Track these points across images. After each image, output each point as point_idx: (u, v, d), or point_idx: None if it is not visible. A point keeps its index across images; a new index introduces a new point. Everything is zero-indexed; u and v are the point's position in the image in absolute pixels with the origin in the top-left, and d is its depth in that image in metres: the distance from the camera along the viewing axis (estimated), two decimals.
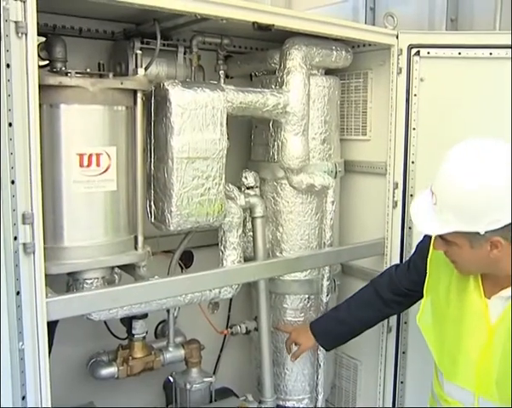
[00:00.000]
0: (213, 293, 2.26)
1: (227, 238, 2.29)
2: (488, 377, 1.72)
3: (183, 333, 2.62)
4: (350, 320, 2.27)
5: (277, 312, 2.64)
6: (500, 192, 1.52)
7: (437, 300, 1.85)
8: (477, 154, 1.56)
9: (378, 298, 2.20)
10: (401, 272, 2.14)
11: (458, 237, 1.60)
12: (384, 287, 2.19)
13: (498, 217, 1.54)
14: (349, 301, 2.32)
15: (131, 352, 2.35)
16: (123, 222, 2.02)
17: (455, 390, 1.84)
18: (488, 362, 1.71)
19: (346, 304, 2.32)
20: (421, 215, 1.66)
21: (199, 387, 2.50)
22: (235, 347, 2.99)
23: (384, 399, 2.72)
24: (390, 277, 2.18)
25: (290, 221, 2.54)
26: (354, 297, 2.32)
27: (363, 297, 2.26)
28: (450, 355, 1.82)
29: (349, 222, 2.82)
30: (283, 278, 2.58)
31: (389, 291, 2.17)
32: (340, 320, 2.28)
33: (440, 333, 1.84)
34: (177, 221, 2.09)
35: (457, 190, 1.55)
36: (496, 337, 1.69)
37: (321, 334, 2.33)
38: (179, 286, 2.04)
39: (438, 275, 1.84)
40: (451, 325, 1.80)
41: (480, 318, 1.72)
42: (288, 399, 2.72)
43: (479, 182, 1.52)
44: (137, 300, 1.97)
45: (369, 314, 2.24)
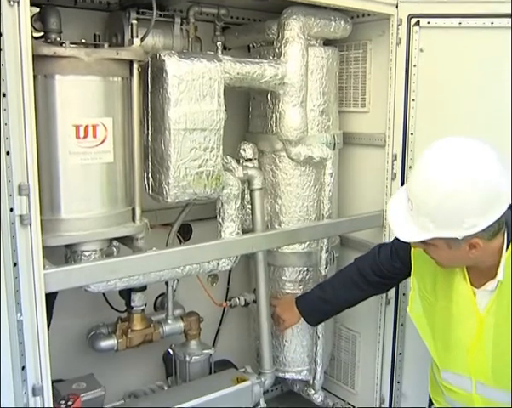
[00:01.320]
0: (212, 265, 2.26)
1: (225, 210, 2.29)
2: (483, 363, 1.73)
3: (182, 306, 2.62)
4: (335, 299, 2.28)
5: (276, 284, 2.64)
6: (476, 197, 1.50)
7: (425, 292, 1.84)
8: (452, 158, 1.53)
9: (361, 278, 2.19)
10: (384, 257, 2.12)
11: (436, 240, 1.59)
12: (367, 268, 2.18)
13: (476, 222, 1.52)
14: (334, 280, 2.33)
15: (130, 324, 2.36)
16: (120, 194, 2.01)
17: (452, 377, 1.85)
18: (481, 349, 1.72)
19: (331, 283, 2.33)
20: (399, 220, 1.63)
21: (198, 359, 2.50)
22: (234, 319, 3.00)
23: (382, 370, 2.74)
24: (374, 259, 2.16)
25: (288, 193, 2.53)
26: (338, 276, 2.34)
27: (347, 277, 2.26)
28: (442, 344, 1.83)
29: (348, 194, 2.81)
30: (282, 250, 2.59)
31: (372, 272, 2.16)
32: (325, 298, 2.28)
33: (431, 323, 1.85)
34: (174, 193, 2.08)
35: (433, 198, 1.53)
36: (486, 325, 1.69)
37: (306, 311, 2.34)
38: (177, 258, 2.03)
39: (423, 267, 1.83)
40: (440, 315, 1.80)
41: (469, 307, 1.72)
42: (287, 370, 2.74)
43: (454, 188, 1.49)
44: (135, 272, 1.97)
45: (353, 294, 2.25)
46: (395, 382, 2.71)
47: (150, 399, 2.32)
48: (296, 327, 2.64)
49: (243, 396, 2.35)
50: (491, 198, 1.51)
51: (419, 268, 1.84)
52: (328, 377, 3.03)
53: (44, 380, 1.74)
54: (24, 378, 1.70)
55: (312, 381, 2.75)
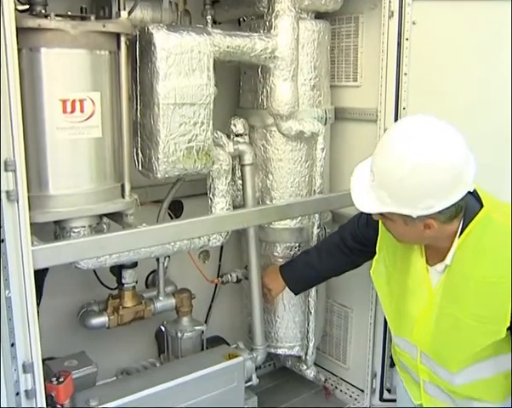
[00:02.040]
0: (203, 241, 2.25)
1: (216, 185, 2.27)
2: (426, 335, 1.78)
3: (173, 283, 2.61)
4: (320, 266, 2.31)
5: (267, 260, 2.64)
6: (437, 180, 1.51)
7: (387, 260, 1.88)
8: (419, 137, 1.53)
9: (344, 246, 2.22)
10: (362, 225, 2.14)
11: (393, 214, 1.60)
12: (348, 236, 2.21)
13: (431, 203, 1.53)
14: (319, 247, 2.37)
15: (121, 301, 2.35)
16: (109, 169, 1.99)
17: (401, 342, 1.91)
18: (427, 322, 1.76)
19: (316, 250, 2.36)
20: (359, 191, 1.65)
21: (190, 335, 2.50)
22: (226, 296, 3.00)
23: (374, 345, 2.74)
24: (353, 227, 2.19)
25: (280, 168, 2.52)
26: (323, 243, 2.37)
27: (332, 244, 2.29)
28: (396, 311, 1.87)
29: (340, 169, 2.79)
30: (273, 226, 2.58)
31: (352, 240, 2.19)
32: (310, 266, 2.32)
33: (389, 290, 1.88)
34: (164, 168, 2.07)
35: (392, 175, 1.53)
36: (434, 302, 1.73)
37: (291, 279, 2.38)
38: (167, 234, 2.01)
39: (387, 237, 1.84)
40: (397, 284, 1.84)
41: (422, 282, 1.76)
42: (279, 346, 2.74)
43: (416, 168, 1.49)
44: (124, 248, 1.96)
45: (338, 261, 2.28)
46: (387, 356, 2.71)
47: (142, 375, 2.31)
48: (288, 303, 2.66)
49: (235, 372, 2.35)
50: (452, 182, 1.52)
51: (384, 236, 1.86)
52: (320, 353, 3.04)
53: (34, 357, 1.73)
54: (14, 355, 1.69)
55: (304, 356, 2.76)
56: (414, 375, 1.92)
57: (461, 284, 1.66)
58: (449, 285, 1.70)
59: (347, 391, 2.96)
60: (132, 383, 2.18)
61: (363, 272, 2.45)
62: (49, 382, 1.91)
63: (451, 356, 1.75)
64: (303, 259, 2.38)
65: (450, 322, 1.71)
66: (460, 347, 1.72)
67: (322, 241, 2.43)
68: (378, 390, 2.77)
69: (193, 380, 2.23)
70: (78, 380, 2.11)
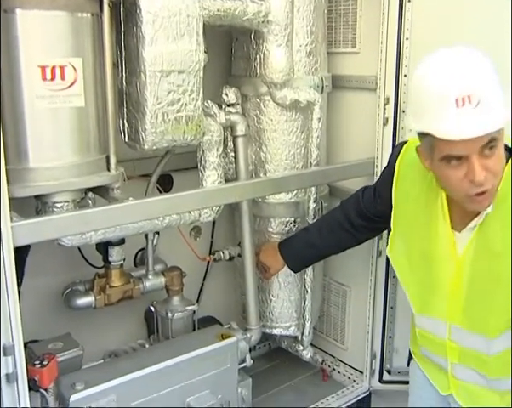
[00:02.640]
0: (193, 216, 2.23)
1: (206, 158, 2.24)
2: (458, 306, 1.73)
3: (163, 261, 2.59)
4: (321, 244, 2.29)
5: (262, 236, 2.62)
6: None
7: (406, 234, 1.82)
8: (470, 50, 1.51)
9: (346, 221, 2.19)
10: (368, 199, 2.10)
11: (501, 132, 1.50)
12: (352, 212, 2.17)
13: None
14: (320, 223, 2.34)
15: (108, 280, 2.33)
16: (93, 141, 1.96)
17: (427, 322, 1.85)
18: (457, 291, 1.72)
19: (317, 227, 2.33)
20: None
21: (181, 315, 2.49)
22: (218, 274, 2.99)
23: (373, 325, 2.73)
24: (358, 202, 2.14)
25: (274, 140, 2.49)
26: (324, 220, 2.34)
27: (333, 220, 2.26)
28: (420, 287, 1.82)
29: (337, 141, 2.77)
30: (267, 200, 2.57)
31: (356, 215, 2.15)
32: (311, 243, 2.29)
33: (410, 266, 1.83)
34: (152, 139, 2.03)
35: (493, 77, 1.48)
36: (464, 267, 1.69)
37: (290, 257, 2.37)
38: (156, 208, 1.99)
39: (404, 206, 1.81)
40: (419, 257, 1.79)
41: (448, 250, 1.71)
42: (274, 326, 2.74)
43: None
44: (111, 223, 1.93)
45: (340, 239, 2.25)
46: (387, 336, 2.71)
47: (131, 357, 2.30)
48: (283, 281, 2.65)
49: (228, 353, 2.33)
50: None
51: (400, 207, 1.82)
52: (317, 333, 3.03)
53: (15, 339, 1.70)
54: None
55: (301, 337, 2.75)
56: (442, 360, 1.84)
57: (497, 238, 1.60)
58: (482, 244, 1.64)
59: (345, 373, 2.95)
60: (120, 366, 2.16)
61: (362, 248, 2.47)
62: (32, 365, 1.89)
63: (487, 321, 1.69)
64: (302, 237, 2.36)
65: (485, 284, 1.65)
66: (498, 308, 1.65)
67: (323, 218, 2.40)
68: (378, 371, 2.77)
69: (184, 361, 2.21)
70: (63, 363, 2.09)
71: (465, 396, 1.85)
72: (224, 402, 2.35)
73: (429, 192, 1.72)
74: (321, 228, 2.31)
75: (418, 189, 1.75)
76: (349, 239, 2.25)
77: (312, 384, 2.91)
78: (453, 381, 1.85)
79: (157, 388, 2.15)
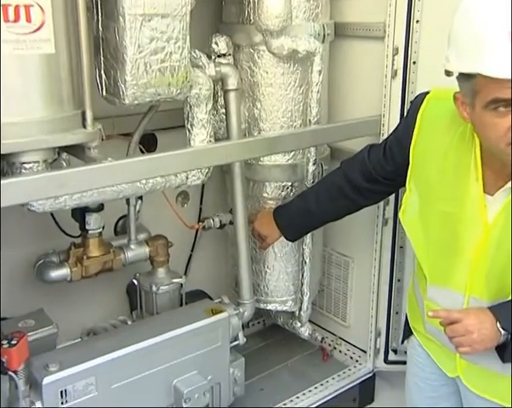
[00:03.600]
0: (179, 179, 2.19)
1: (194, 114, 2.20)
2: (480, 276, 1.70)
3: (147, 229, 2.59)
4: (319, 212, 2.26)
5: (256, 202, 2.61)
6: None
7: (424, 195, 1.79)
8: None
9: (349, 186, 2.15)
10: (375, 157, 2.05)
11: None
12: (355, 173, 2.12)
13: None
14: (318, 188, 2.31)
15: (85, 250, 2.31)
16: (67, 93, 1.89)
17: (441, 294, 1.82)
18: (482, 259, 1.69)
19: (314, 192, 2.30)
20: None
21: (167, 289, 2.48)
22: (208, 244, 2.99)
23: (378, 300, 2.72)
24: (363, 162, 2.09)
25: (269, 95, 2.46)
26: (323, 183, 2.32)
27: (333, 184, 2.22)
28: (437, 254, 1.79)
29: (340, 96, 2.73)
30: (262, 162, 2.54)
31: (361, 177, 2.10)
32: (308, 210, 2.27)
33: (427, 230, 1.80)
34: (133, 93, 1.97)
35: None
36: (491, 235, 1.65)
37: (285, 225, 2.35)
38: (138, 170, 1.94)
39: (426, 165, 1.77)
40: (439, 221, 1.75)
41: (477, 215, 1.67)
42: (269, 300, 2.74)
43: None
44: (87, 186, 1.88)
45: (340, 204, 2.22)
46: (393, 312, 2.70)
47: (111, 335, 2.28)
48: (280, 251, 2.65)
49: (219, 330, 2.33)
50: None
51: (420, 164, 1.78)
52: (317, 309, 3.03)
53: None
54: None
55: (298, 312, 2.74)
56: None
57: None
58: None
59: (347, 352, 2.96)
60: (99, 345, 2.15)
61: (367, 215, 2.46)
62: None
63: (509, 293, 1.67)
64: (298, 203, 2.33)
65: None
66: None
67: (321, 182, 2.36)
68: (383, 351, 2.77)
69: (170, 339, 2.21)
70: (35, 342, 2.08)
71: (474, 379, 1.85)
72: (215, 384, 2.36)
73: (459, 148, 1.68)
74: (318, 193, 2.27)
75: (445, 144, 1.71)
76: (351, 206, 2.22)
77: (311, 365, 2.91)
78: (461, 362, 1.85)
79: (140, 368, 2.15)
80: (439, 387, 1.98)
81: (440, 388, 1.98)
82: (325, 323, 3.06)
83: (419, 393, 2.06)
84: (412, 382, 2.09)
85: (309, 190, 2.38)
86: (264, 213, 2.50)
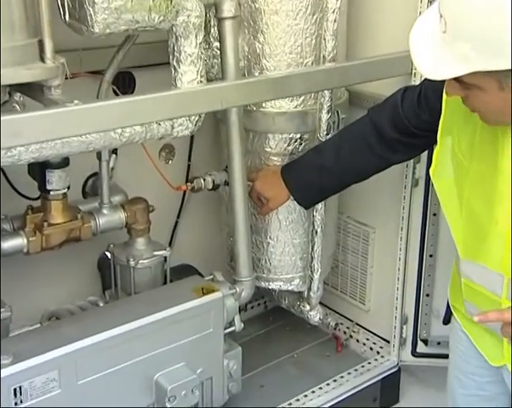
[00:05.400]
0: (163, 128, 2.16)
1: (181, 47, 2.14)
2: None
3: (123, 190, 2.59)
4: (338, 169, 2.29)
5: (256, 158, 2.59)
6: None
7: (459, 152, 1.79)
8: None
9: (376, 136, 2.17)
10: (409, 105, 2.07)
11: (482, 78, 1.47)
12: (385, 122, 2.15)
13: None
14: (338, 140, 2.34)
15: (46, 216, 2.28)
16: (18, 18, 1.83)
17: (476, 271, 1.84)
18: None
19: (333, 145, 2.33)
20: (424, 50, 1.52)
21: (147, 263, 2.48)
22: (198, 209, 3.00)
23: (405, 279, 2.75)
24: (395, 108, 2.11)
25: (275, 25, 2.42)
26: (344, 133, 2.34)
27: (357, 134, 2.25)
28: (471, 225, 1.81)
29: (361, 28, 2.72)
30: (265, 109, 2.53)
31: (391, 127, 2.13)
32: (325, 167, 2.29)
33: (460, 197, 1.81)
34: (104, 19, 1.91)
35: (479, 8, 1.39)
36: None
37: (297, 187, 2.37)
38: (111, 116, 1.90)
39: (458, 119, 1.77)
40: (474, 187, 1.76)
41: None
42: (273, 278, 2.74)
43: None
44: (48, 136, 1.83)
45: (366, 161, 2.25)
46: (423, 295, 2.73)
47: (78, 320, 2.27)
48: (285, 219, 2.64)
49: (211, 313, 2.34)
50: None
51: (454, 117, 1.77)
52: (329, 289, 3.06)
53: None
54: None
55: (307, 293, 2.74)
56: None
57: None
58: None
59: (366, 341, 2.97)
60: (63, 331, 2.15)
61: (391, 174, 2.46)
62: None
63: None
64: (313, 160, 2.33)
65: None
66: None
67: (342, 132, 2.37)
68: (411, 341, 2.78)
69: (151, 325, 2.21)
70: None
71: None
72: (206, 379, 2.38)
73: None
74: (339, 146, 2.28)
75: None
76: (378, 161, 2.23)
77: (322, 356, 2.92)
78: (509, 349, 1.85)
79: (114, 360, 2.15)
80: (485, 384, 2.00)
81: (486, 385, 1.99)
82: (339, 306, 3.07)
83: (462, 390, 2.07)
84: (453, 375, 2.11)
85: (326, 143, 2.38)
86: (267, 171, 2.51)
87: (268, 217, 2.63)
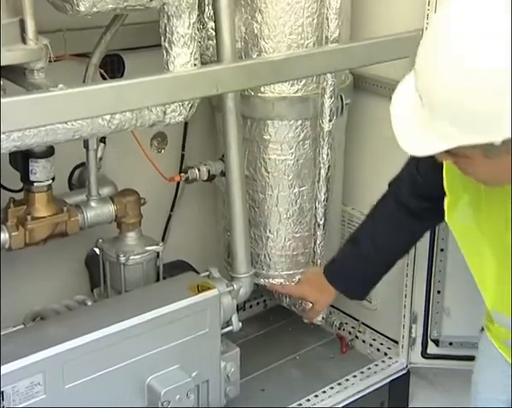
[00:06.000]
0: (155, 115, 2.16)
1: (174, 28, 2.13)
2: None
3: (112, 182, 2.59)
4: (378, 254, 2.32)
5: (255, 147, 2.60)
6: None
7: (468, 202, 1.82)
8: (477, 25, 1.40)
9: (406, 213, 2.20)
10: (425, 169, 2.05)
11: (467, 148, 1.48)
12: (408, 195, 2.17)
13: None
14: (370, 225, 2.36)
15: (29, 209, 2.28)
16: None
17: (502, 320, 1.89)
18: None
19: (367, 232, 2.36)
20: (405, 123, 1.54)
21: (139, 259, 2.48)
22: (192, 201, 3.01)
23: (414, 275, 2.75)
24: (412, 178, 2.12)
25: (274, 4, 2.43)
26: (372, 218, 2.35)
27: (387, 217, 2.28)
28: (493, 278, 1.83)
29: (367, 6, 2.73)
30: (263, 94, 2.54)
31: (416, 198, 2.16)
32: (364, 256, 2.32)
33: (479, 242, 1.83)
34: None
35: (452, 84, 1.40)
36: None
37: (344, 282, 2.39)
38: (98, 101, 1.88)
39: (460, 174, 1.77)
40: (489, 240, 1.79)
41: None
42: (273, 275, 2.74)
43: (487, 66, 1.37)
44: (30, 122, 1.81)
45: (402, 238, 2.29)
46: (434, 292, 2.73)
47: (65, 320, 2.26)
48: (285, 211, 2.67)
49: (207, 312, 2.33)
50: None
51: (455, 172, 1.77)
52: None
53: None
54: None
55: None
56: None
57: None
58: None
59: (372, 342, 2.98)
60: (49, 332, 2.14)
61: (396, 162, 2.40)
62: None
63: None
64: (351, 252, 2.37)
65: None
66: None
67: (371, 216, 2.37)
68: (420, 341, 2.78)
69: (143, 324, 2.20)
70: None
71: None
72: (201, 382, 2.37)
73: None
74: (372, 232, 2.32)
75: None
76: (415, 233, 2.28)
77: (325, 358, 2.92)
78: None
79: (104, 363, 2.14)
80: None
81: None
82: (344, 305, 3.05)
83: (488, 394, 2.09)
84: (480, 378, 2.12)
85: (359, 231, 2.41)
86: (311, 275, 2.53)
87: (267, 209, 2.64)
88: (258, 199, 2.64)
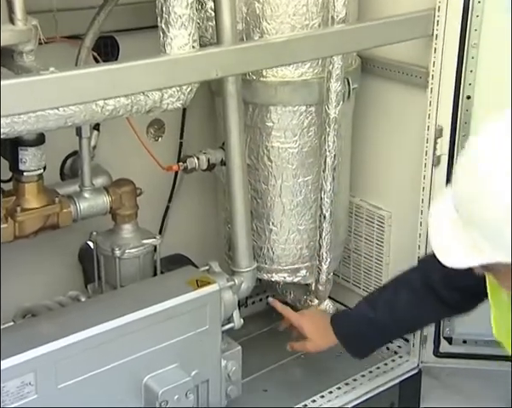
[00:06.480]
0: (151, 101, 2.15)
1: (171, 8, 2.13)
2: None
3: (106, 171, 2.60)
4: (394, 324, 2.39)
5: (257, 134, 2.60)
6: None
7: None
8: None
9: (430, 295, 2.25)
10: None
11: (501, 265, 1.50)
12: (436, 278, 2.22)
13: None
14: (392, 294, 2.39)
15: (19, 200, 2.28)
16: None
17: None
18: None
19: (387, 301, 2.38)
20: (440, 234, 1.59)
21: (135, 253, 2.47)
22: (191, 192, 3.00)
23: None
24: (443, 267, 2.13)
25: None
26: (396, 286, 2.39)
27: (409, 294, 2.33)
28: None
29: None
30: (266, 78, 2.53)
31: (445, 287, 2.20)
32: (379, 321, 2.37)
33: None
34: None
35: (488, 207, 1.42)
36: None
37: (350, 339, 2.43)
38: (91, 86, 1.89)
39: None
40: None
41: None
42: (276, 269, 2.75)
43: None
44: (19, 108, 1.82)
45: (420, 316, 2.37)
46: None
47: (57, 317, 2.25)
48: (289, 202, 2.67)
49: (207, 308, 2.32)
50: None
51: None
52: (340, 281, 3.07)
53: None
54: None
55: (315, 285, 2.76)
56: None
57: None
58: None
59: None
60: (41, 330, 2.12)
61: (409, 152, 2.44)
62: None
63: None
64: (366, 313, 2.40)
65: None
66: None
67: (395, 284, 2.40)
68: (432, 339, 2.79)
69: (140, 321, 2.19)
70: None
71: None
72: (201, 381, 2.37)
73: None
74: (392, 305, 2.34)
75: None
76: (433, 317, 2.40)
77: (332, 357, 2.85)
78: None
79: (98, 361, 2.13)
80: None
81: None
82: (351, 300, 2.98)
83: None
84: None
85: (380, 296, 2.44)
86: (316, 315, 2.60)
87: (270, 200, 2.64)
88: (260, 189, 2.64)
